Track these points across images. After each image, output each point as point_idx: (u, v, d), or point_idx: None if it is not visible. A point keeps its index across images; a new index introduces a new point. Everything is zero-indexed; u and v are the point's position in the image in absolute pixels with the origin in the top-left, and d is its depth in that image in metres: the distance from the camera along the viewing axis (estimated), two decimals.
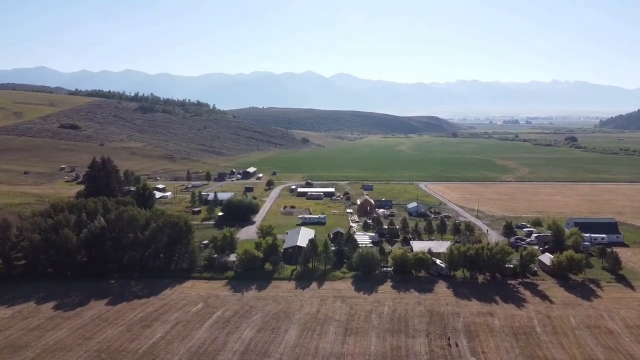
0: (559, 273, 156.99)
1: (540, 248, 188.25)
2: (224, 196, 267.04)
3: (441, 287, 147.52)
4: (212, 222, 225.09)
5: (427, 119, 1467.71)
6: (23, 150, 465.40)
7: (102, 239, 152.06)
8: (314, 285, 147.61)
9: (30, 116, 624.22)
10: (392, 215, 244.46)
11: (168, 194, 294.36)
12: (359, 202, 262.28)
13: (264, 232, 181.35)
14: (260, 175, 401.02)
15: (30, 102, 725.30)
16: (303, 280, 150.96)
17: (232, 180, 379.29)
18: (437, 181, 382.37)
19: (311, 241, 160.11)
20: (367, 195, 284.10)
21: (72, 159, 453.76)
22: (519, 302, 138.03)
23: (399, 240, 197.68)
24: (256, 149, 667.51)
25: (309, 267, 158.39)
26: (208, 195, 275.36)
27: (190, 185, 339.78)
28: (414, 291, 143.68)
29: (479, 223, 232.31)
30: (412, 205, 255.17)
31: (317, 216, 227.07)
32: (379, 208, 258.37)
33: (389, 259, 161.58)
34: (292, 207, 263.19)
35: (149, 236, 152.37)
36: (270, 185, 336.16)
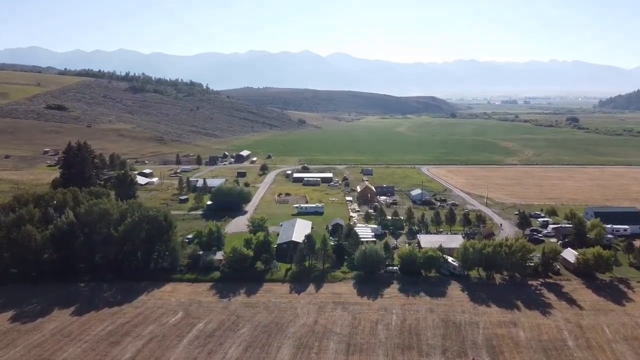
0: (583, 272, 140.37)
1: (560, 241, 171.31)
2: (214, 183, 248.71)
3: (455, 290, 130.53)
4: (200, 211, 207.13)
5: (426, 100, 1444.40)
6: (6, 133, 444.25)
7: (71, 236, 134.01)
8: (311, 288, 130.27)
9: (16, 97, 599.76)
10: (394, 203, 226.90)
11: (155, 179, 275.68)
12: (359, 189, 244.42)
13: (255, 225, 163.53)
14: (254, 158, 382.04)
15: (17, 83, 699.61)
16: (299, 282, 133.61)
17: (225, 165, 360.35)
18: (440, 165, 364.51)
19: (308, 237, 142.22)
20: (367, 181, 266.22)
21: (57, 141, 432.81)
22: (544, 307, 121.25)
23: (403, 232, 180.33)
24: (250, 131, 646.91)
25: (306, 266, 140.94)
26: (197, 181, 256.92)
27: (179, 170, 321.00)
28: (425, 295, 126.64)
29: (488, 212, 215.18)
30: (416, 192, 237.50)
31: (314, 205, 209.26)
32: (381, 195, 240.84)
33: (396, 257, 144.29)
34: (287, 194, 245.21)
35: (123, 233, 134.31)
36: (264, 170, 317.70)
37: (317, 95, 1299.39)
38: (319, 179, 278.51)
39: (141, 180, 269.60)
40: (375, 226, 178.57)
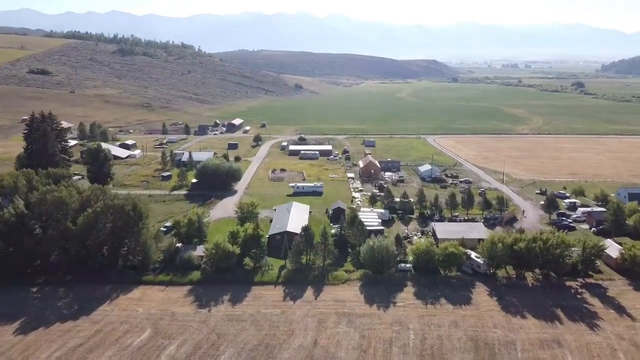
0: (629, 269, 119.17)
1: (593, 229, 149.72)
2: (200, 157, 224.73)
3: (481, 295, 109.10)
4: (183, 191, 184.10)
5: (426, 63, 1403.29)
6: None
7: (20, 230, 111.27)
8: (310, 292, 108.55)
9: None
10: (401, 180, 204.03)
11: (137, 152, 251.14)
12: (361, 164, 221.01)
13: (244, 212, 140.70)
14: (248, 128, 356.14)
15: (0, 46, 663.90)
16: (294, 284, 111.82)
17: (215, 134, 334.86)
18: (446, 134, 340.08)
19: (305, 230, 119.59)
20: (370, 154, 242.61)
21: (37, 108, 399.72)
22: (590, 319, 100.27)
23: (414, 217, 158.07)
24: (244, 97, 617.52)
25: (303, 263, 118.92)
26: (182, 154, 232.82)
27: (165, 141, 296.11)
28: (446, 302, 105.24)
29: (506, 191, 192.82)
30: (425, 168, 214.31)
31: (312, 185, 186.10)
32: (385, 171, 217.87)
33: (409, 253, 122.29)
34: (283, 170, 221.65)
35: (83, 225, 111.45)
36: (258, 141, 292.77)
37: (314, 58, 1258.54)
38: (317, 152, 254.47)
39: (121, 152, 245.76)
40: (382, 210, 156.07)
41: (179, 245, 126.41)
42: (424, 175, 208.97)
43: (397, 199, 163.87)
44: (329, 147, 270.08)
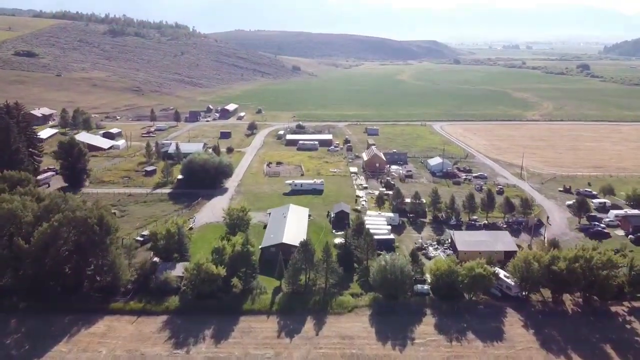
0: None
1: (630, 236, 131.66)
2: (189, 148, 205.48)
3: (515, 326, 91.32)
4: (168, 189, 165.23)
5: (427, 44, 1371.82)
6: None
7: None
8: (309, 326, 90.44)
9: None
10: (409, 176, 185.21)
11: (120, 142, 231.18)
12: (365, 156, 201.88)
13: (233, 219, 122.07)
14: (242, 114, 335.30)
15: None
16: (291, 314, 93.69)
17: (208, 121, 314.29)
18: (453, 121, 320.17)
19: (304, 246, 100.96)
20: (374, 145, 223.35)
21: (21, 93, 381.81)
22: None
23: (427, 221, 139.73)
24: (240, 79, 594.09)
25: (301, 284, 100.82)
26: (169, 145, 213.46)
27: (153, 129, 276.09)
28: (474, 337, 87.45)
29: (526, 188, 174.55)
30: (436, 161, 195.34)
31: (311, 182, 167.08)
32: (392, 164, 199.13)
33: (427, 273, 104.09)
34: (279, 163, 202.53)
35: (39, 243, 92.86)
36: (252, 129, 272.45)
37: (312, 38, 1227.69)
38: (316, 143, 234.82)
39: (104, 143, 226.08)
40: (391, 214, 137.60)
41: (156, 260, 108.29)
42: (435, 169, 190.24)
43: (408, 200, 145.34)
44: (329, 137, 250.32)
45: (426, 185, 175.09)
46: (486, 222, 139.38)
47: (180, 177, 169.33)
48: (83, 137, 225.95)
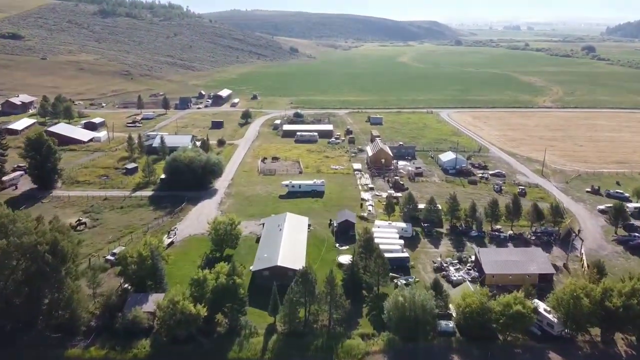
0: None
1: None
2: (176, 141, 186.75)
3: None
4: (149, 191, 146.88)
5: (428, 25, 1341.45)
6: None
7: None
8: None
9: None
10: (419, 174, 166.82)
11: (102, 134, 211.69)
12: (369, 150, 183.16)
13: (220, 234, 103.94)
14: (236, 100, 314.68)
15: None
16: None
17: (199, 108, 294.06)
18: (461, 108, 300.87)
19: (304, 276, 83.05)
20: (378, 137, 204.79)
21: (4, 78, 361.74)
22: None
23: (444, 232, 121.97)
24: (235, 61, 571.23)
25: (300, 318, 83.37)
26: (154, 138, 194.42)
27: (140, 118, 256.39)
28: None
29: (549, 188, 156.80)
30: (448, 157, 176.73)
31: (310, 182, 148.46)
32: (399, 159, 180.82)
33: (452, 307, 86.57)
34: (275, 159, 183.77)
35: None
36: (247, 118, 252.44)
37: (309, 18, 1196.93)
38: (315, 134, 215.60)
39: (83, 135, 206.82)
40: (403, 225, 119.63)
41: (127, 287, 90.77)
42: (447, 166, 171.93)
43: (421, 206, 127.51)
44: (330, 127, 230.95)
45: (439, 185, 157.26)
46: (511, 232, 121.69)
47: (163, 176, 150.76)
48: (60, 128, 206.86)
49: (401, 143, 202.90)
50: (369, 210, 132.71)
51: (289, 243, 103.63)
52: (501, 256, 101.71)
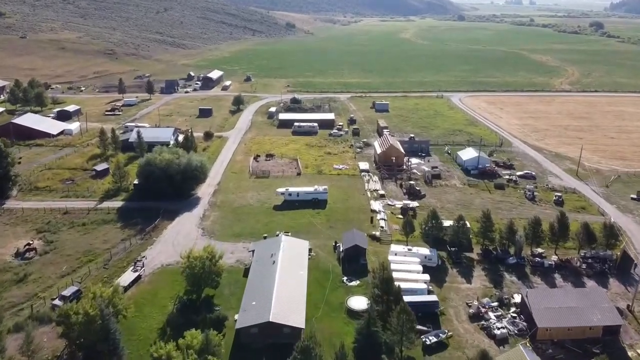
0: None
1: None
2: (155, 135, 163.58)
3: None
4: (119, 200, 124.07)
5: None
6: None
7: None
8: None
9: None
10: (437, 175, 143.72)
11: (74, 126, 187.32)
12: (377, 146, 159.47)
13: (197, 270, 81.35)
14: (228, 83, 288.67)
15: None
16: None
17: (187, 92, 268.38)
18: (473, 92, 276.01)
19: (304, 352, 61.14)
20: (386, 130, 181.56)
21: None
22: None
23: (475, 257, 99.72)
24: (229, 38, 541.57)
25: None
26: (131, 131, 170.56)
27: (121, 104, 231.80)
28: None
29: (589, 194, 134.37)
30: (469, 154, 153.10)
31: (310, 190, 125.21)
32: (411, 156, 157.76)
33: None
34: (269, 156, 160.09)
35: None
36: (239, 104, 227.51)
37: None
38: (315, 125, 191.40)
39: (52, 128, 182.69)
40: (427, 251, 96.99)
41: (73, 351, 68.91)
42: (468, 165, 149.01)
43: (447, 223, 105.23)
44: (331, 116, 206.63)
45: (461, 190, 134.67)
46: (556, 257, 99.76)
47: (136, 182, 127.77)
48: (26, 119, 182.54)
49: (412, 136, 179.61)
50: (382, 227, 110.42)
51: (285, 284, 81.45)
52: (555, 301, 79.67)
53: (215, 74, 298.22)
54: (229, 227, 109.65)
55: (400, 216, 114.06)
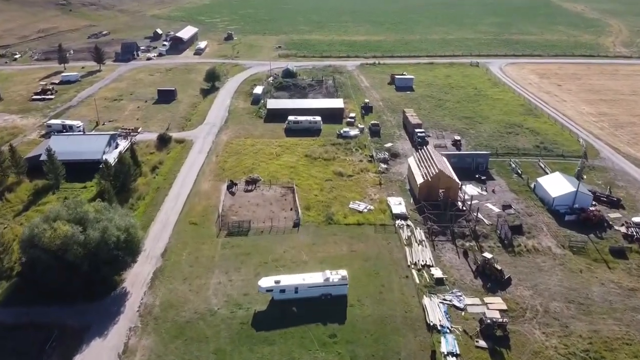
0: None
1: None
2: (78, 149, 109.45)
3: None
4: None
5: None
6: None
7: None
8: None
9: None
10: (518, 228, 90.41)
11: None
12: (416, 171, 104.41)
13: None
14: (203, 44, 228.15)
15: None
16: None
17: (150, 59, 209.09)
18: (513, 56, 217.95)
19: None
20: (423, 132, 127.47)
21: None
22: None
23: None
24: None
25: None
26: (50, 136, 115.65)
27: (58, 81, 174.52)
28: None
29: None
30: (559, 188, 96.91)
31: (317, 282, 71.97)
32: (463, 179, 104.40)
33: None
34: (251, 181, 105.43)
35: None
36: (213, 80, 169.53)
37: None
38: (317, 120, 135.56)
39: None
40: None
41: None
42: (559, 206, 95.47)
43: None
44: (339, 103, 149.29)
45: (563, 263, 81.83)
46: None
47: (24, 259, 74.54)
48: None
49: (458, 139, 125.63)
50: None
51: None
52: None
53: (187, 32, 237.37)
54: None
55: (481, 342, 63.25)
